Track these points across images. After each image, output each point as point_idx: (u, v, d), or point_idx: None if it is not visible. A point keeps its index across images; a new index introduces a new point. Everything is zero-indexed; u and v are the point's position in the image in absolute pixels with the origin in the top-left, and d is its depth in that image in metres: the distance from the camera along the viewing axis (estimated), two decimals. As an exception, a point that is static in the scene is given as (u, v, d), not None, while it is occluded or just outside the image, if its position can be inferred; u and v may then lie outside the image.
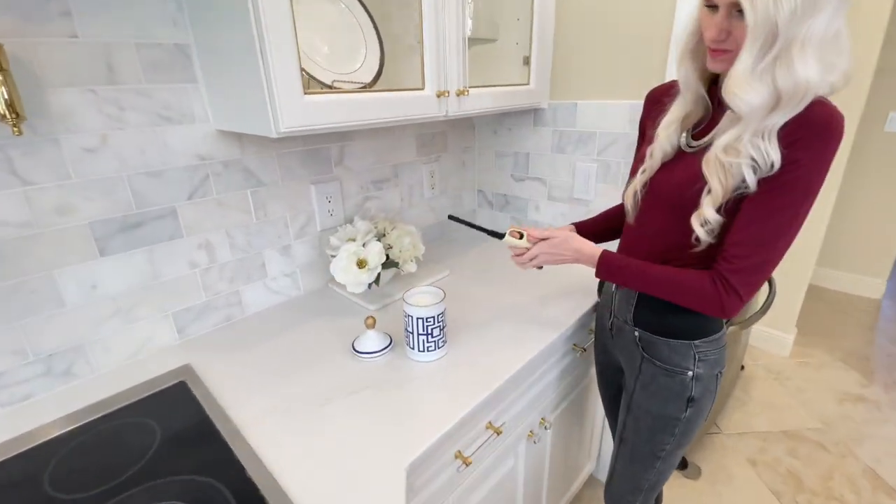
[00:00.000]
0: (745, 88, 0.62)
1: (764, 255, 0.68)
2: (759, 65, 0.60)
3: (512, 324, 1.00)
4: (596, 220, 1.03)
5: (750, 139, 0.63)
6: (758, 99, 0.61)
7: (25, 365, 0.78)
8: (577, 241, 0.87)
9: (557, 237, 0.89)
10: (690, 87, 0.74)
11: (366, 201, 1.23)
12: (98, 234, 0.81)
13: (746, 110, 0.63)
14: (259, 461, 0.66)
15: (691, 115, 0.76)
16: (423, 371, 0.85)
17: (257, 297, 1.07)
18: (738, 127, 0.65)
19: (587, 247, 0.87)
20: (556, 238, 0.88)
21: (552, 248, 0.88)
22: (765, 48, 0.59)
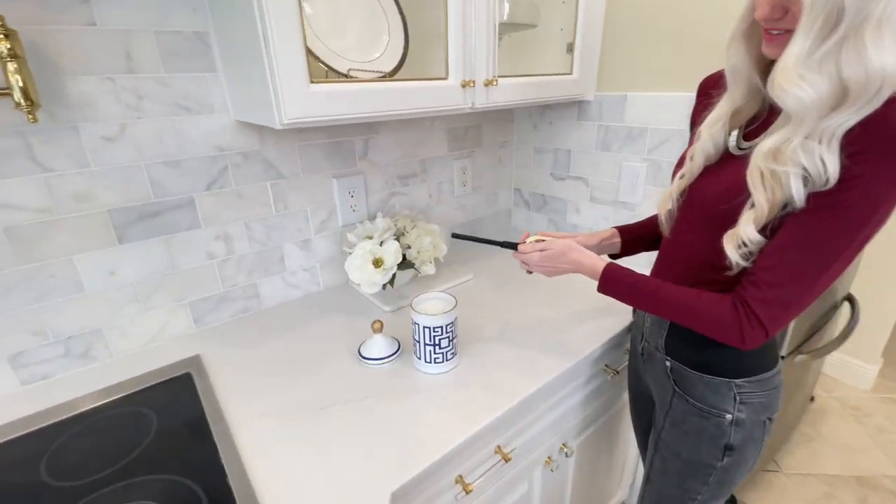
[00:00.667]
0: (795, 81, 0.49)
1: (799, 288, 0.56)
2: (817, 50, 0.48)
3: (535, 340, 0.91)
4: (637, 226, 0.91)
5: (801, 143, 0.51)
6: (812, 94, 0.49)
7: (46, 346, 0.81)
8: (575, 253, 0.77)
9: (553, 248, 0.79)
10: (741, 77, 0.61)
11: (391, 197, 1.18)
12: (117, 222, 0.82)
13: (797, 108, 0.50)
14: (242, 468, 0.63)
15: (743, 110, 0.63)
16: (429, 384, 0.79)
17: (275, 290, 1.05)
18: (789, 127, 0.52)
19: (587, 259, 0.76)
20: (551, 249, 0.79)
21: (546, 259, 0.79)
22: (826, 29, 0.47)
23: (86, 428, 0.71)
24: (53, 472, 0.63)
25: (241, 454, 0.65)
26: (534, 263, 0.81)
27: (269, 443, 0.68)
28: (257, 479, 0.62)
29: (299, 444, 0.67)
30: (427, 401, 0.75)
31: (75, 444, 0.68)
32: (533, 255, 0.81)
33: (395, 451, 0.66)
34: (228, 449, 0.66)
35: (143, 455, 0.66)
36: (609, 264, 0.75)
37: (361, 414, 0.73)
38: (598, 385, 0.99)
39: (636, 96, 1.11)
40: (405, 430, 0.69)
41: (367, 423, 0.71)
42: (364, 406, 0.74)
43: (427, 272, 1.02)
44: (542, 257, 0.80)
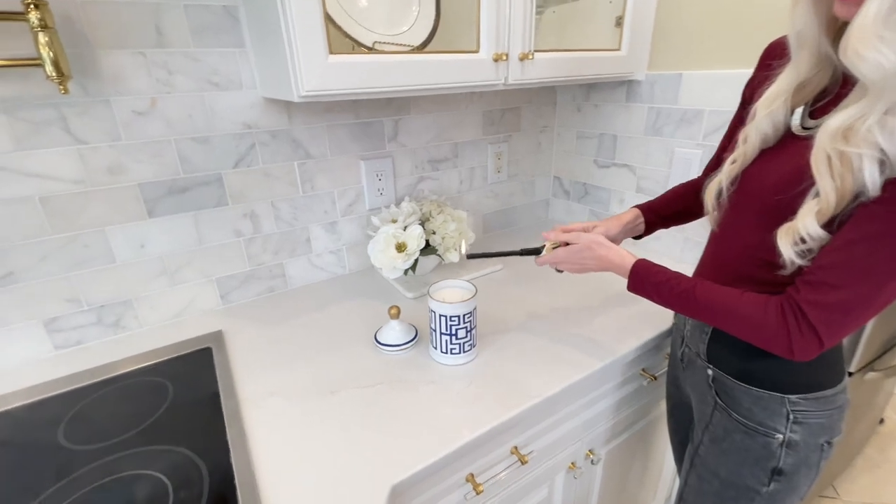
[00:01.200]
0: (873, 44, 0.41)
1: (865, 292, 0.47)
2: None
3: (563, 337, 0.84)
4: (660, 202, 0.84)
5: (879, 120, 0.42)
6: (894, 59, 0.40)
7: (79, 313, 0.84)
8: (601, 249, 0.71)
9: (578, 244, 0.73)
10: (808, 43, 0.51)
11: (420, 182, 1.15)
12: (147, 196, 0.84)
13: (875, 77, 0.42)
14: (246, 446, 0.62)
15: (810, 83, 0.53)
16: (444, 375, 0.75)
17: (301, 271, 1.05)
18: (865, 102, 0.43)
19: (615, 254, 0.70)
20: (576, 245, 0.73)
21: (571, 255, 0.74)
22: None
23: (106, 395, 0.73)
24: (70, 435, 0.65)
25: (246, 432, 0.64)
26: (559, 261, 0.75)
27: (275, 423, 0.66)
28: (259, 458, 0.60)
29: (304, 427, 0.65)
30: (440, 392, 0.71)
31: (95, 410, 0.70)
32: (558, 252, 0.75)
33: (401, 441, 0.62)
34: (235, 426, 0.65)
35: (154, 425, 0.66)
36: (639, 261, 0.67)
37: (371, 400, 0.70)
38: (633, 390, 0.91)
39: (692, 75, 1.00)
40: (415, 420, 0.66)
41: (376, 411, 0.68)
42: (374, 393, 0.71)
43: (451, 259, 0.97)
44: (567, 253, 0.74)
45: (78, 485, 0.57)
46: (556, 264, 0.77)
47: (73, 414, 0.69)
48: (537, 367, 0.76)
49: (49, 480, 0.57)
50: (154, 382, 0.75)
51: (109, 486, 0.57)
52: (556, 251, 0.75)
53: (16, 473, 0.59)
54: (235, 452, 0.61)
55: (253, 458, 0.60)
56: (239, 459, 0.60)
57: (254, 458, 0.60)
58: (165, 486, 0.56)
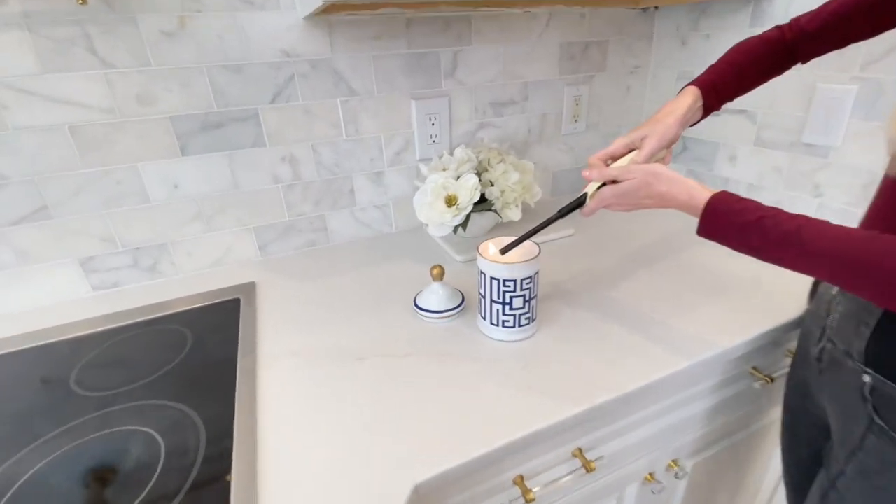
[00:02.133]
0: None
1: None
2: None
3: (648, 319, 0.67)
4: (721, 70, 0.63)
5: None
6: None
7: (115, 254, 0.80)
8: (661, 184, 0.52)
9: (630, 179, 0.54)
10: None
11: (480, 129, 0.99)
12: (179, 131, 0.77)
13: None
14: (253, 411, 0.53)
15: None
16: (494, 352, 0.61)
17: (344, 225, 0.95)
18: None
19: (682, 190, 0.51)
20: (628, 182, 0.54)
21: (623, 196, 0.55)
22: None
23: (127, 340, 0.68)
24: (81, 380, 0.60)
25: (257, 394, 0.55)
26: (609, 204, 0.57)
27: (290, 388, 0.57)
28: (265, 430, 0.51)
29: (321, 397, 0.55)
30: (486, 372, 0.57)
31: (112, 356, 0.65)
32: (604, 193, 0.57)
33: (431, 429, 0.50)
34: (247, 386, 0.57)
35: (164, 377, 0.60)
36: (717, 195, 0.49)
37: (400, 373, 0.58)
38: (738, 392, 0.71)
39: (857, -20, 0.73)
40: (450, 403, 0.53)
41: (404, 387, 0.56)
42: (406, 364, 0.59)
43: (511, 217, 0.82)
44: (617, 195, 0.55)
45: (73, 435, 0.51)
46: (604, 205, 0.58)
47: (91, 358, 0.64)
48: (611, 354, 0.60)
49: (49, 426, 0.53)
50: (176, 332, 0.69)
51: (102, 442, 0.50)
52: (601, 193, 0.57)
53: (21, 413, 0.55)
54: (240, 420, 0.52)
55: (259, 430, 0.51)
56: (242, 430, 0.51)
57: (259, 430, 0.51)
58: (158, 449, 0.49)
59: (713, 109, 0.63)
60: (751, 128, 0.94)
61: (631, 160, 0.58)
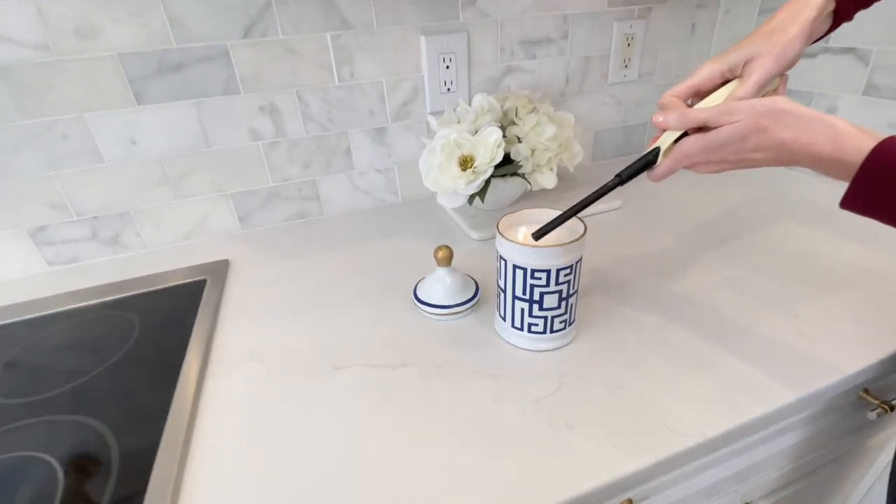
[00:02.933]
0: None
1: None
2: None
3: (728, 325, 0.49)
4: None
5: None
6: None
7: (69, 223, 0.68)
8: (789, 125, 0.34)
9: (733, 122, 0.36)
10: None
11: (506, 74, 0.80)
12: (132, 73, 0.62)
13: None
14: (187, 443, 0.40)
15: None
16: (516, 365, 0.45)
17: (339, 193, 0.80)
18: None
19: (822, 133, 0.33)
20: (728, 130, 0.36)
21: (716, 150, 0.37)
22: None
23: (65, 330, 0.56)
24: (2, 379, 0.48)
25: (197, 417, 0.42)
26: (694, 163, 0.39)
27: (239, 410, 0.43)
28: (195, 470, 0.38)
29: (274, 427, 0.41)
30: (505, 396, 0.42)
31: (43, 349, 0.53)
32: (685, 147, 0.39)
33: (420, 488, 0.35)
34: (184, 405, 0.43)
35: (90, 383, 0.47)
36: (886, 141, 0.31)
37: (387, 393, 0.43)
38: (837, 419, 0.54)
39: None
40: (449, 442, 0.38)
41: (391, 411, 0.41)
42: (396, 379, 0.45)
43: (542, 184, 0.64)
44: (707, 146, 0.38)
45: (-40, 460, 0.39)
46: (687, 164, 0.40)
47: (18, 351, 0.53)
48: (680, 376, 0.43)
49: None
50: (124, 321, 0.57)
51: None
52: (682, 147, 0.39)
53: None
54: (163, 458, 0.38)
55: (186, 476, 0.37)
56: (162, 470, 0.37)
57: (187, 475, 0.37)
58: (54, 486, 0.36)
59: (846, 18, 0.43)
60: (860, 71, 0.72)
61: (729, 95, 0.40)
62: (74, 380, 0.47)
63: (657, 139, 0.41)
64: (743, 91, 0.39)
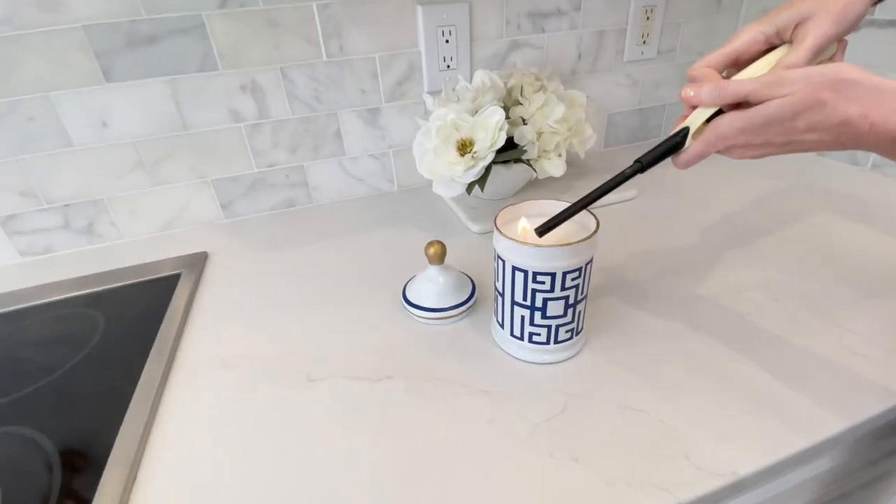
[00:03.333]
0: None
1: None
2: None
3: (762, 335, 0.43)
4: None
5: None
6: None
7: (40, 212, 0.63)
8: (857, 98, 0.27)
9: (783, 95, 0.29)
10: None
11: (512, 50, 0.73)
12: (98, 48, 0.57)
13: None
14: (135, 465, 0.35)
15: None
16: (514, 379, 0.40)
17: (330, 180, 0.74)
18: None
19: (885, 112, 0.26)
20: (778, 102, 0.29)
21: (761, 130, 0.31)
22: None
23: (27, 328, 0.52)
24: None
25: (150, 435, 0.37)
26: (730, 145, 0.33)
27: (202, 416, 0.38)
28: (147, 478, 0.33)
29: (242, 435, 0.36)
30: (499, 417, 0.36)
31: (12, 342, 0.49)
32: (720, 127, 0.32)
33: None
34: (138, 421, 0.38)
35: (40, 392, 0.43)
36: None
37: (365, 411, 0.38)
38: (878, 441, 0.47)
39: None
40: (437, 467, 0.33)
41: (369, 433, 0.36)
42: (374, 395, 0.39)
43: (550, 172, 0.58)
44: (749, 125, 0.31)
45: None
46: (725, 153, 0.34)
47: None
48: (707, 397, 0.37)
49: None
50: (87, 319, 0.52)
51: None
52: (717, 126, 0.32)
53: None
54: (109, 478, 0.34)
55: (139, 472, 0.33)
56: (109, 490, 0.33)
57: (140, 473, 0.33)
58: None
59: None
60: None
61: (776, 64, 0.33)
62: (21, 389, 0.43)
63: (685, 118, 0.35)
64: (794, 58, 0.32)
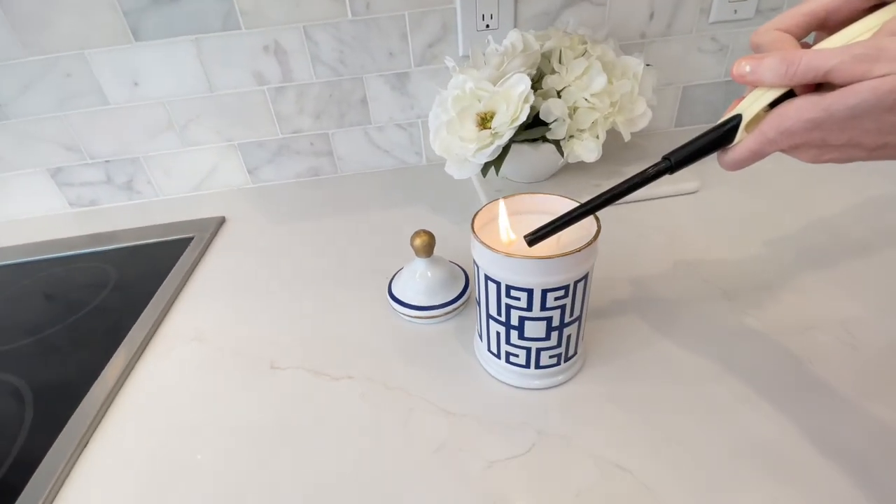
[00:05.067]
0: None
1: None
2: None
3: (823, 401, 0.33)
4: None
5: None
6: None
7: (85, 166, 0.67)
8: None
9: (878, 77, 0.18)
10: None
11: (566, 7, 0.62)
12: (126, 6, 0.57)
13: None
14: (92, 426, 0.35)
15: None
16: (480, 401, 0.34)
17: (355, 150, 0.70)
18: None
19: None
20: (871, 85, 0.19)
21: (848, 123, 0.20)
22: None
23: (53, 276, 0.56)
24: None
25: (116, 399, 0.37)
26: (790, 136, 0.23)
27: (165, 386, 0.38)
28: (101, 441, 0.33)
29: (194, 412, 0.35)
30: (452, 445, 0.31)
31: (28, 294, 0.53)
32: (787, 113, 0.22)
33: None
34: (110, 377, 0.39)
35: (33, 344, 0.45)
36: None
37: (318, 410, 0.35)
38: None
39: None
40: (361, 496, 0.29)
41: (312, 435, 0.33)
42: (331, 394, 0.36)
43: (581, 156, 0.49)
44: (823, 116, 0.21)
45: None
46: (792, 153, 0.24)
47: (7, 295, 0.52)
48: (728, 468, 0.29)
49: None
50: (103, 274, 0.54)
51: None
52: (783, 114, 0.22)
53: None
54: (62, 442, 0.34)
55: (84, 457, 0.33)
56: (61, 449, 0.33)
57: (84, 458, 0.33)
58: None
59: None
60: None
61: (879, 30, 0.22)
62: (35, 333, 0.45)
63: (738, 104, 0.25)
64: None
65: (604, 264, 0.46)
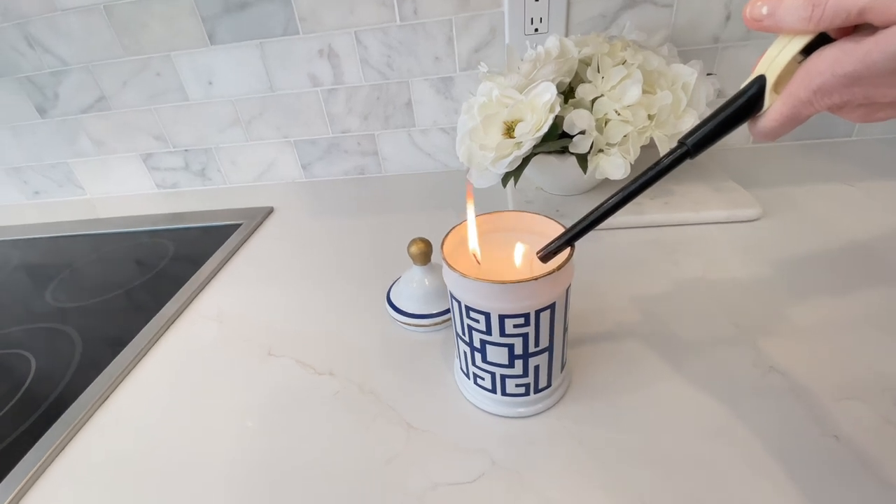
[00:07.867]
0: None
1: None
2: None
3: (828, 480, 0.27)
4: None
5: None
6: None
7: (168, 154, 0.77)
8: None
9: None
10: None
11: (626, 9, 0.57)
12: (204, 13, 0.63)
13: None
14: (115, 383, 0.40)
15: None
16: (443, 419, 0.33)
17: (399, 152, 0.72)
18: None
19: None
20: None
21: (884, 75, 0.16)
22: None
23: (119, 250, 0.64)
24: (58, 287, 0.58)
25: (140, 366, 0.42)
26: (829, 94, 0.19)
27: (177, 362, 0.42)
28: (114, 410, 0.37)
29: (194, 391, 0.38)
30: (401, 460, 0.31)
31: (100, 263, 0.62)
32: (819, 66, 0.18)
33: None
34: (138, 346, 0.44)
35: (113, 299, 0.52)
36: None
37: (291, 401, 0.36)
38: None
39: None
40: (305, 494, 0.29)
41: (280, 423, 0.34)
42: (309, 387, 0.37)
43: (607, 172, 0.45)
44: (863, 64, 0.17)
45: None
46: (834, 111, 0.20)
47: (79, 264, 0.62)
48: None
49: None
50: (161, 251, 0.61)
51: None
52: (810, 70, 0.19)
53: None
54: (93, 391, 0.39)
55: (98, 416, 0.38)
56: (88, 398, 0.38)
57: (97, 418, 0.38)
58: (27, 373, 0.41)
59: None
60: None
61: None
62: (86, 299, 0.53)
63: (763, 59, 0.22)
64: None
65: (620, 286, 0.42)
